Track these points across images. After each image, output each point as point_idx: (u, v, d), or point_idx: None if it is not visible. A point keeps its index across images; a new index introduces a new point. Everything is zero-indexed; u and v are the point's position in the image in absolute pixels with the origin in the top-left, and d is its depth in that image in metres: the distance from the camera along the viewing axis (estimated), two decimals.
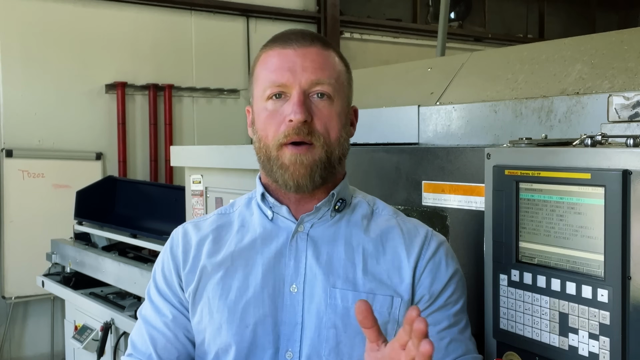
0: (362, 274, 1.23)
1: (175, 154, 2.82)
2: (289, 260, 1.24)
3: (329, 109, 1.23)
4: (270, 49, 1.26)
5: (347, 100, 1.30)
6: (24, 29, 5.01)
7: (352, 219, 1.29)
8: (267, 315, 1.22)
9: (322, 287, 1.22)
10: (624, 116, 1.32)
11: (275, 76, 1.22)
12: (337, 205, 1.28)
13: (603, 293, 1.14)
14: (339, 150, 1.26)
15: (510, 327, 1.31)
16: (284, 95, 1.22)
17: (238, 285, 1.25)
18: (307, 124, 1.20)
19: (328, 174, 1.24)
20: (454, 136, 1.92)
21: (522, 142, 1.34)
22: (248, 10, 5.95)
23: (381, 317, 1.18)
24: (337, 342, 1.20)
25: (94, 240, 3.99)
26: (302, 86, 1.21)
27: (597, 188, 1.14)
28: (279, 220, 1.29)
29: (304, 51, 1.23)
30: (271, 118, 1.22)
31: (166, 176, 5.57)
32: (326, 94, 1.22)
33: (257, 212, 1.31)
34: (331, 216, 1.28)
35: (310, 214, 1.26)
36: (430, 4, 7.26)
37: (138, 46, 5.46)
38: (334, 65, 1.26)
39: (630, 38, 1.70)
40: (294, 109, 1.19)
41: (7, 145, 4.96)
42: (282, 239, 1.27)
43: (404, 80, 2.37)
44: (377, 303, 1.21)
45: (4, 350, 5.00)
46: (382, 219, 1.31)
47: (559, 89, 1.72)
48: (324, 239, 1.26)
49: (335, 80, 1.24)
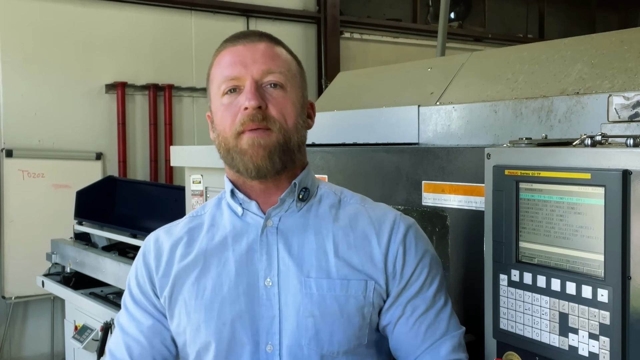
0: (335, 261, 1.25)
1: (175, 154, 2.82)
2: (261, 255, 1.26)
3: (283, 97, 1.26)
4: (222, 50, 1.31)
5: (302, 92, 1.32)
6: (24, 29, 5.01)
7: (320, 209, 1.32)
8: (244, 311, 1.24)
9: (296, 278, 1.24)
10: (624, 116, 1.32)
11: (228, 71, 1.26)
12: (300, 194, 1.30)
13: (603, 293, 1.14)
14: (297, 137, 1.28)
15: (510, 327, 1.31)
16: (239, 89, 1.25)
17: (212, 284, 1.27)
18: (261, 111, 1.22)
19: (288, 159, 1.26)
20: (454, 136, 1.92)
21: (522, 142, 1.34)
22: (248, 10, 5.95)
23: (357, 301, 1.23)
24: (315, 330, 1.22)
25: (94, 240, 3.99)
26: (254, 76, 1.24)
27: (597, 188, 1.14)
28: (248, 217, 1.30)
29: (254, 45, 1.28)
30: (227, 111, 1.25)
31: (166, 176, 5.57)
32: (279, 84, 1.25)
33: (227, 211, 1.33)
34: (297, 207, 1.30)
35: (276, 207, 1.28)
36: (430, 4, 7.26)
37: (138, 46, 5.46)
38: (284, 57, 1.30)
39: (630, 38, 1.70)
40: (247, 97, 1.22)
41: (7, 145, 4.96)
42: (252, 234, 1.29)
43: (404, 80, 2.37)
44: (351, 288, 1.24)
45: (4, 350, 5.00)
46: (350, 207, 1.33)
47: (559, 89, 1.72)
48: (294, 231, 1.28)
49: (287, 70, 1.28)
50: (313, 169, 1.39)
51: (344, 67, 6.31)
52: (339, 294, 1.24)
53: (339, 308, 1.23)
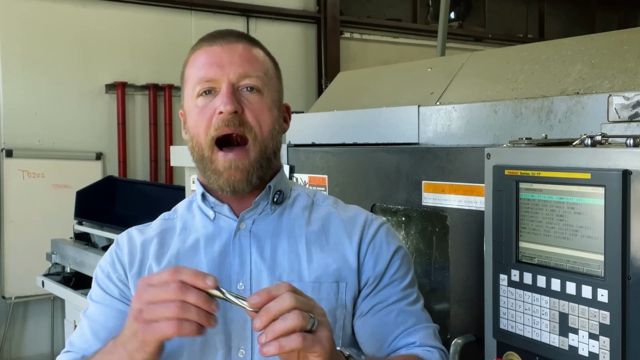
0: (307, 264, 1.23)
1: (175, 154, 2.82)
2: (234, 259, 1.24)
3: (260, 102, 1.22)
4: (198, 48, 1.28)
5: (279, 95, 1.30)
6: (24, 29, 5.01)
7: (292, 211, 1.30)
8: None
9: (268, 282, 1.21)
10: (624, 116, 1.32)
11: (204, 72, 1.22)
12: (275, 197, 1.28)
13: (603, 293, 1.14)
14: (273, 144, 1.25)
15: (510, 327, 1.31)
16: (214, 91, 1.22)
17: None
18: (237, 115, 1.19)
19: (265, 172, 1.24)
20: (454, 136, 1.92)
21: (522, 142, 1.34)
22: (248, 10, 5.95)
23: (329, 304, 1.21)
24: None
25: (94, 240, 3.99)
26: (231, 79, 1.21)
27: (597, 188, 1.14)
28: (220, 220, 1.28)
29: (231, 47, 1.24)
30: (202, 114, 1.22)
31: (166, 176, 5.57)
32: (255, 88, 1.22)
33: (199, 214, 1.30)
34: (271, 210, 1.28)
35: (249, 210, 1.26)
36: (430, 4, 7.26)
37: (138, 46, 5.46)
38: (262, 60, 1.27)
39: (630, 38, 1.70)
40: (223, 100, 1.19)
41: (7, 145, 4.96)
42: (225, 238, 1.26)
43: (404, 80, 2.37)
44: (323, 291, 1.22)
45: (4, 350, 5.00)
46: (323, 209, 1.32)
47: (559, 89, 1.72)
48: (267, 234, 1.26)
49: (264, 74, 1.25)
50: (313, 169, 1.39)
51: (344, 67, 6.31)
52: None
53: (332, 321, 1.19)
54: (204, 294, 0.97)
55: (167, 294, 0.97)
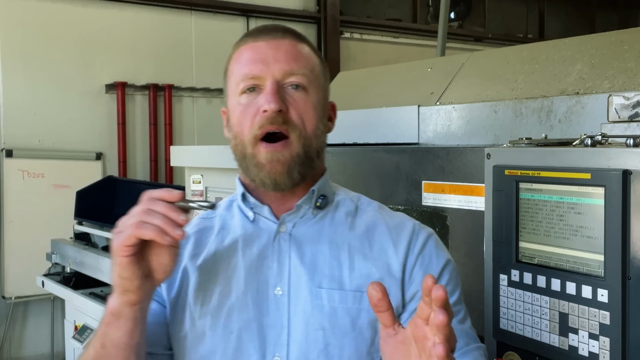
0: (349, 272, 1.19)
1: (175, 154, 2.83)
2: (272, 262, 1.20)
3: (305, 100, 1.19)
4: (242, 44, 1.24)
5: (324, 94, 1.26)
6: (24, 29, 5.01)
7: (335, 217, 1.25)
8: (252, 320, 1.17)
9: (307, 288, 1.17)
10: (624, 116, 1.32)
11: (248, 69, 1.19)
12: (318, 202, 1.24)
13: (603, 293, 1.14)
14: (316, 143, 1.21)
15: (510, 327, 1.31)
16: (258, 88, 1.18)
17: (220, 290, 1.20)
18: (281, 114, 1.16)
19: (306, 169, 1.20)
20: (454, 136, 1.92)
21: (522, 142, 1.34)
22: (248, 10, 5.95)
23: (370, 314, 1.15)
24: (325, 344, 1.15)
25: (94, 240, 3.98)
26: (276, 77, 1.17)
27: (597, 188, 1.14)
28: (260, 222, 1.24)
29: (276, 43, 1.20)
30: (245, 112, 1.19)
31: (166, 176, 5.57)
32: (301, 85, 1.19)
33: (238, 214, 1.27)
34: (313, 214, 1.23)
35: (291, 213, 1.22)
36: (430, 4, 7.26)
37: (138, 46, 5.46)
38: (308, 57, 1.23)
39: (630, 38, 1.70)
40: (268, 99, 1.15)
41: (7, 145, 4.96)
42: (264, 240, 1.22)
43: (404, 80, 2.37)
44: (365, 301, 1.14)
45: (4, 350, 5.00)
46: (367, 215, 1.27)
47: (559, 89, 1.72)
48: (308, 239, 1.21)
49: (310, 71, 1.21)
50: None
51: (344, 67, 6.31)
52: (351, 307, 1.16)
53: (350, 321, 1.16)
54: (169, 204, 1.04)
55: (137, 208, 1.05)
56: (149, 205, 1.05)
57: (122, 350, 1.12)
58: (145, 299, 1.11)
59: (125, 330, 1.11)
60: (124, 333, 1.11)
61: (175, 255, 1.10)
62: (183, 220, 1.04)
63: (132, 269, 1.06)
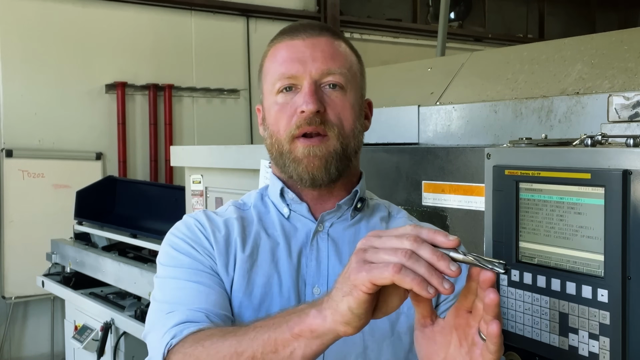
0: None
1: (175, 154, 2.83)
2: (310, 261, 1.19)
3: (342, 100, 1.18)
4: (279, 42, 1.22)
5: (361, 92, 1.25)
6: (24, 29, 5.01)
7: (371, 221, 1.25)
8: None
9: None
10: (624, 116, 1.32)
11: (285, 68, 1.18)
12: (358, 204, 1.24)
13: (603, 293, 1.14)
14: (354, 143, 1.20)
15: (510, 327, 1.31)
16: (295, 88, 1.17)
17: (263, 282, 1.17)
18: (319, 115, 1.15)
19: (344, 167, 1.19)
20: (454, 136, 1.92)
21: (522, 142, 1.34)
22: (248, 10, 5.95)
23: (408, 319, 1.15)
24: (364, 347, 1.15)
25: (94, 240, 3.99)
26: (313, 76, 1.16)
27: (597, 188, 1.14)
28: (295, 219, 1.23)
29: (313, 41, 1.19)
30: (282, 112, 1.18)
31: (166, 176, 5.57)
32: (338, 85, 1.18)
33: (273, 209, 1.25)
34: (351, 216, 1.23)
35: (331, 212, 1.21)
36: (430, 4, 7.26)
37: (138, 46, 5.46)
38: (345, 55, 1.22)
39: (630, 38, 1.70)
40: (306, 99, 1.14)
41: (7, 145, 4.96)
42: (301, 238, 1.21)
43: (404, 80, 2.37)
44: (404, 305, 1.07)
45: (4, 350, 5.00)
46: (399, 221, 1.28)
47: (559, 89, 1.72)
48: (345, 240, 1.21)
49: (348, 70, 1.20)
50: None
51: None
52: None
53: (389, 325, 1.15)
54: (441, 251, 0.84)
55: (399, 242, 0.85)
56: (416, 247, 0.85)
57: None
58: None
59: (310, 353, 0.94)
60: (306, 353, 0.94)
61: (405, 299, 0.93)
62: (453, 273, 0.84)
63: (368, 308, 0.89)
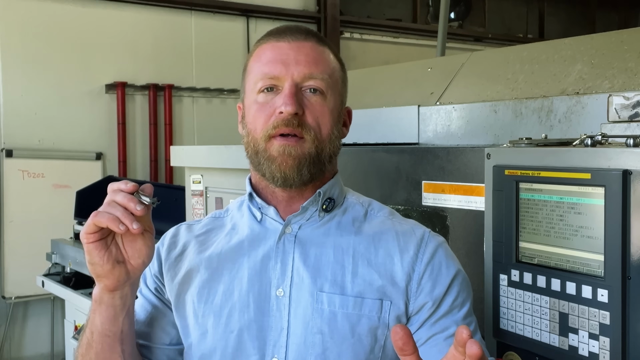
0: (351, 277, 1.17)
1: (175, 154, 2.82)
2: (276, 263, 1.20)
3: (321, 104, 1.19)
4: (265, 42, 1.24)
5: (341, 99, 1.27)
6: (24, 29, 5.01)
7: (343, 221, 1.24)
8: (253, 321, 1.18)
9: (308, 291, 1.17)
10: (624, 116, 1.32)
11: (268, 68, 1.19)
12: (325, 205, 1.23)
13: (603, 293, 1.14)
14: (330, 148, 1.21)
15: (510, 327, 1.31)
16: (276, 89, 1.18)
17: (224, 289, 1.21)
18: (297, 117, 1.16)
19: (317, 171, 1.20)
20: (454, 136, 1.92)
21: (522, 142, 1.34)
22: (248, 10, 5.95)
23: (370, 321, 1.15)
24: (323, 348, 1.15)
25: None
26: (295, 79, 1.17)
27: (597, 188, 1.14)
28: (267, 222, 1.24)
29: (298, 45, 1.20)
30: (261, 111, 1.19)
31: (166, 176, 5.57)
32: (319, 89, 1.19)
33: (247, 214, 1.27)
34: (320, 217, 1.23)
35: (297, 214, 1.21)
36: (430, 4, 7.26)
37: (138, 46, 5.46)
38: (329, 62, 1.23)
39: (630, 38, 1.70)
40: (285, 101, 1.15)
41: (7, 145, 4.96)
42: (270, 241, 1.22)
43: (404, 80, 2.37)
44: (365, 307, 1.16)
45: (4, 350, 5.00)
46: (377, 220, 1.26)
47: (559, 89, 1.72)
48: (313, 241, 1.21)
49: (329, 76, 1.21)
50: None
51: None
52: (351, 312, 1.16)
53: (349, 327, 1.15)
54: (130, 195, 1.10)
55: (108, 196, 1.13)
56: (113, 196, 1.11)
57: (105, 337, 1.16)
58: (123, 286, 1.14)
59: (107, 317, 1.15)
60: (105, 319, 1.15)
61: (150, 240, 1.13)
62: (138, 211, 1.08)
63: (99, 255, 1.10)
